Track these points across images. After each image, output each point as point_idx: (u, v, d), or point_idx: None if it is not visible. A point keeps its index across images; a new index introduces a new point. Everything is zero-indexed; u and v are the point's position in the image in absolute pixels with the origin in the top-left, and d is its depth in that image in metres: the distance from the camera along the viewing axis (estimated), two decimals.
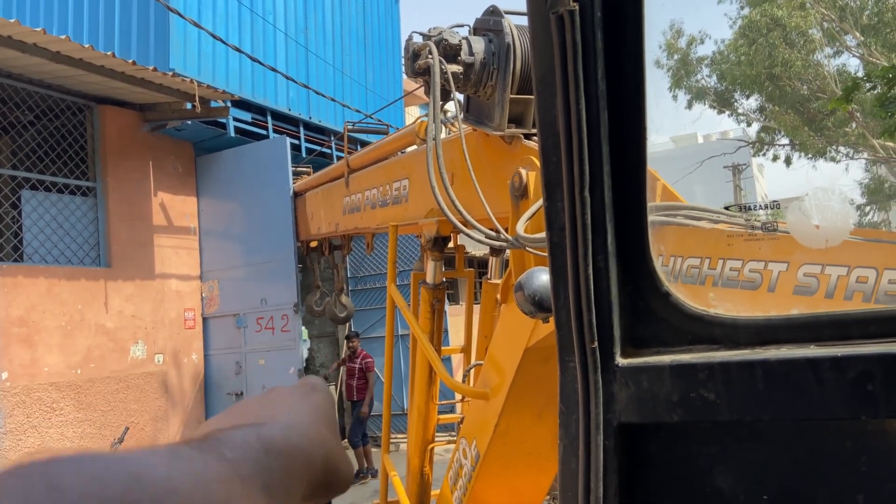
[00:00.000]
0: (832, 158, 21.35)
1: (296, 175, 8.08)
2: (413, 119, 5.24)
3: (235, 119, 8.52)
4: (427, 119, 3.03)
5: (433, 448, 4.24)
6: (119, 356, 7.47)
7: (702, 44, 22.42)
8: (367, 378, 9.11)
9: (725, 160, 26.14)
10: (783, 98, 19.34)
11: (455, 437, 4.03)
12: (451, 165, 3.23)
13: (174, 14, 7.32)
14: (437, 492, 3.62)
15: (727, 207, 1.87)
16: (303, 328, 8.68)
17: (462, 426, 3.37)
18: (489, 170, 3.12)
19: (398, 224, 4.55)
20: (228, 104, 7.86)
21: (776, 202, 1.16)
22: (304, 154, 9.57)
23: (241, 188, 8.47)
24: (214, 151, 8.79)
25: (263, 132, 8.98)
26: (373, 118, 9.51)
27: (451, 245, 4.27)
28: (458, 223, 2.74)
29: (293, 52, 9.68)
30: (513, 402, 2.75)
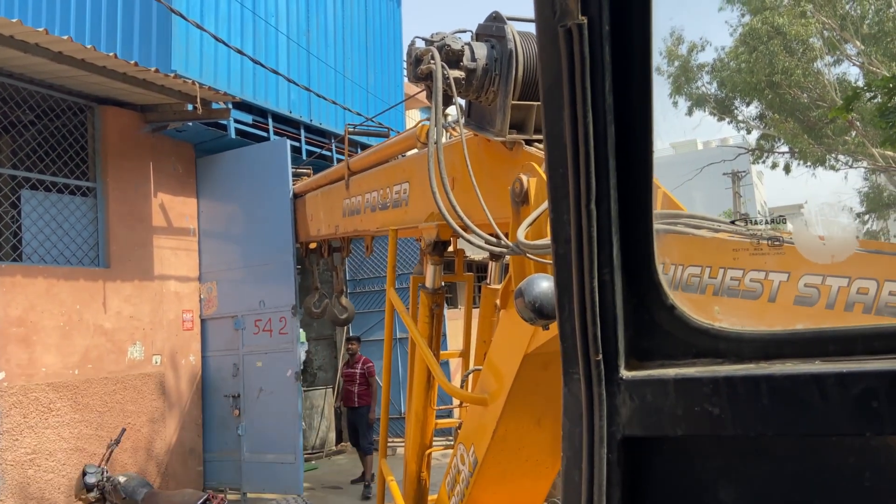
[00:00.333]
0: (831, 167, 21.40)
1: (296, 176, 8.06)
2: (414, 123, 5.24)
3: (236, 121, 8.51)
4: (428, 123, 3.03)
5: (431, 453, 4.23)
6: (117, 357, 7.45)
7: (702, 51, 22.49)
8: (370, 383, 9.09)
9: (725, 167, 26.19)
10: (783, 106, 19.37)
11: (453, 442, 4.03)
12: (452, 170, 3.23)
13: (176, 16, 7.32)
14: (435, 497, 3.61)
15: (733, 221, 1.87)
16: (301, 331, 8.65)
17: (460, 431, 3.36)
18: (490, 175, 3.12)
19: (398, 227, 4.55)
20: (229, 106, 7.85)
21: (782, 216, 1.17)
22: (305, 156, 9.57)
23: (241, 190, 8.46)
24: (215, 153, 8.78)
25: (264, 134, 8.98)
26: (373, 121, 9.53)
27: (451, 249, 4.26)
28: (459, 228, 2.74)
29: (295, 55, 9.69)
30: (511, 408, 2.75)
